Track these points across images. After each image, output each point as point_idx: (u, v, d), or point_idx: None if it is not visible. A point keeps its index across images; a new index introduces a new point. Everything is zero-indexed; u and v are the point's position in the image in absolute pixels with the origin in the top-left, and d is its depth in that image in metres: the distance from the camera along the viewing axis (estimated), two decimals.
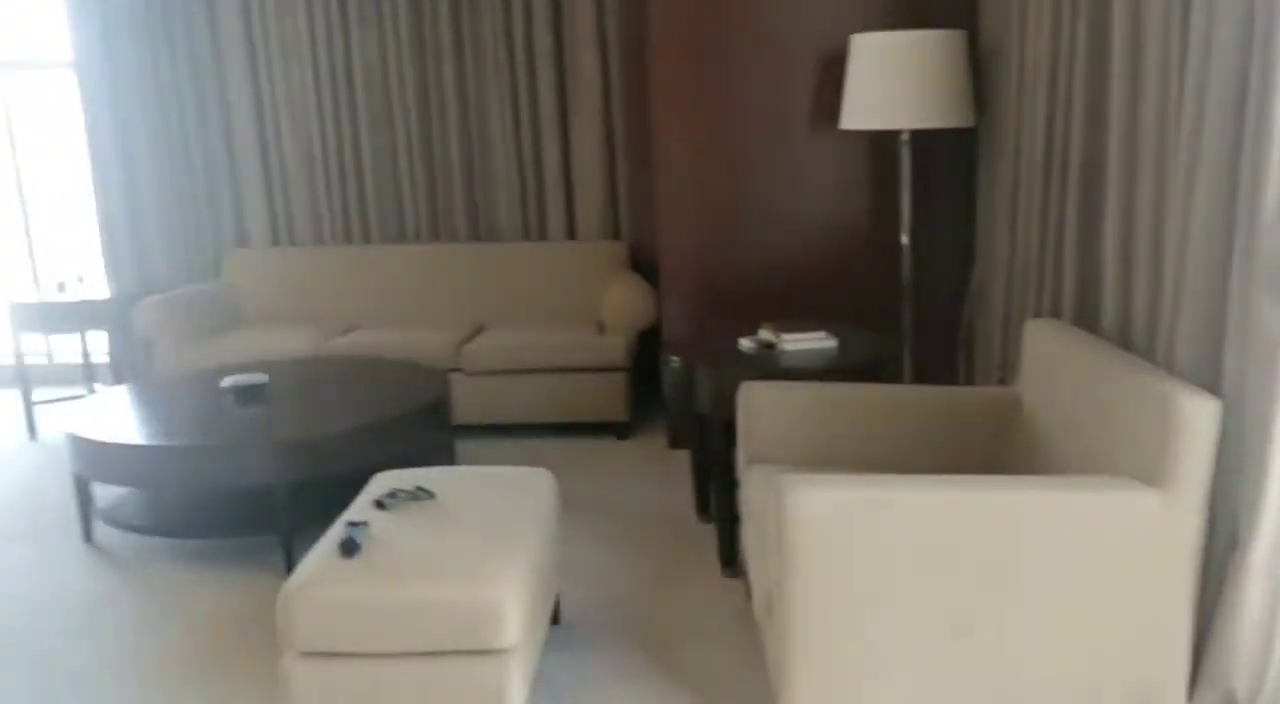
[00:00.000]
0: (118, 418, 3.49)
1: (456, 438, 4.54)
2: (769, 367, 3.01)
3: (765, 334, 3.24)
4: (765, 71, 3.90)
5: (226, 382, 3.63)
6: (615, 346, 4.39)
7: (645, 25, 4.71)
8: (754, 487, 2.59)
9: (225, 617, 3.00)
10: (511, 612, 2.08)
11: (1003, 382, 3.39)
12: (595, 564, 3.25)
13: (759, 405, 2.75)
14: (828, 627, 2.00)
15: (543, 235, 5.21)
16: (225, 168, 5.25)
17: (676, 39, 3.90)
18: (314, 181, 5.23)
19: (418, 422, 3.52)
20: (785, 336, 3.16)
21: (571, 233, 5.19)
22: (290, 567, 3.23)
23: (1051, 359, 2.50)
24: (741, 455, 2.82)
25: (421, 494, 2.49)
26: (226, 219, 5.30)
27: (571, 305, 4.96)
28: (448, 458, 3.85)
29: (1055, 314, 2.91)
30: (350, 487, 3.45)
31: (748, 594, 2.98)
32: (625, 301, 4.49)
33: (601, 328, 4.63)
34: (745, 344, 3.20)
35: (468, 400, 4.43)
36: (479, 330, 4.79)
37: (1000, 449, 2.74)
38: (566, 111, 5.07)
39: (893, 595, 1.99)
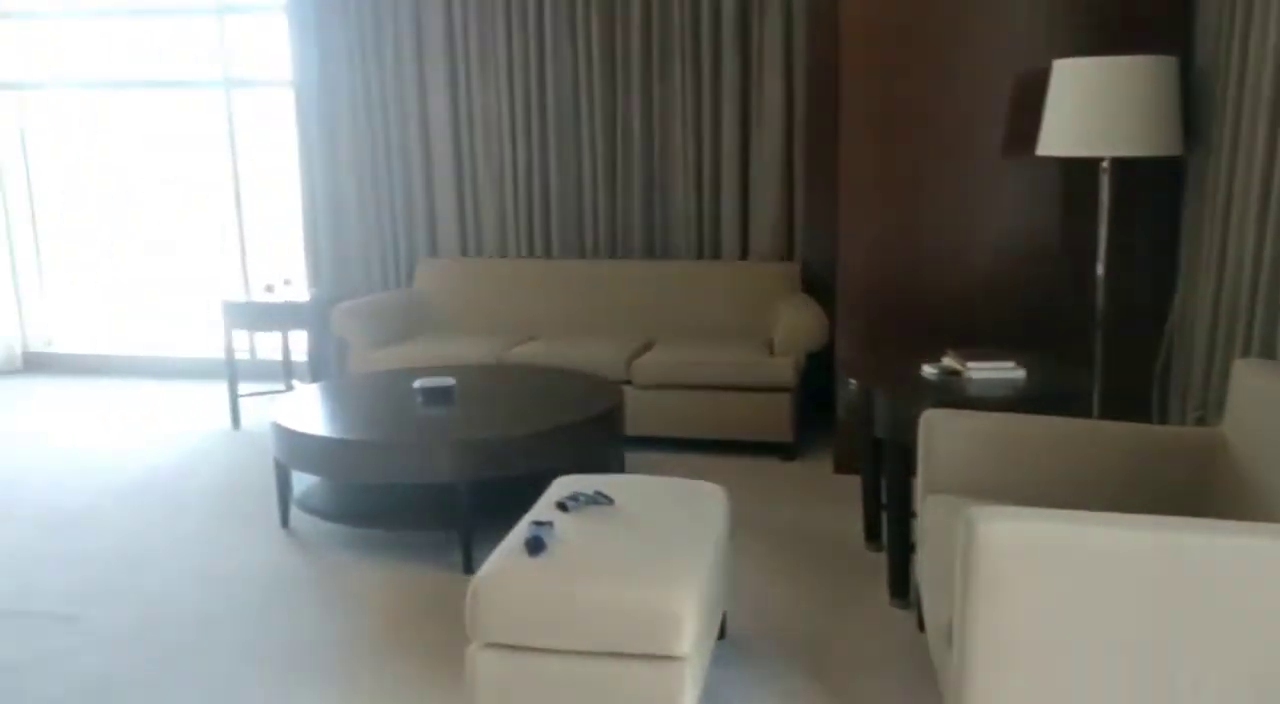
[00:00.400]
0: (316, 412, 3.74)
1: (625, 449, 4.63)
2: (952, 394, 2.95)
3: (949, 361, 3.17)
4: (957, 95, 3.84)
5: (418, 383, 3.82)
6: (784, 367, 4.39)
7: (834, 51, 4.72)
8: (934, 516, 2.54)
9: (403, 604, 3.16)
10: (689, 619, 2.12)
11: (1203, 421, 3.20)
12: (761, 584, 3.25)
13: (941, 433, 2.70)
14: (1012, 664, 1.94)
15: (716, 255, 5.27)
16: (422, 182, 5.55)
17: (867, 62, 3.89)
18: (503, 197, 5.47)
19: (592, 430, 3.61)
20: (970, 365, 3.09)
21: (744, 253, 5.23)
22: (468, 562, 3.37)
23: (1264, 401, 2.35)
24: (920, 483, 2.77)
25: (602, 499, 2.57)
26: (420, 230, 5.59)
27: (741, 324, 4.99)
28: (618, 467, 3.94)
29: (1267, 354, 2.73)
30: (524, 489, 3.58)
31: (919, 625, 2.92)
32: (797, 323, 4.48)
33: (771, 348, 4.64)
34: (928, 370, 3.14)
35: (636, 413, 4.52)
36: (649, 345, 4.88)
37: (1200, 492, 2.59)
38: (748, 136, 5.12)
39: (1083, 637, 1.91)
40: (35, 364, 6.46)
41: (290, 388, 5.53)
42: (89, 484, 4.32)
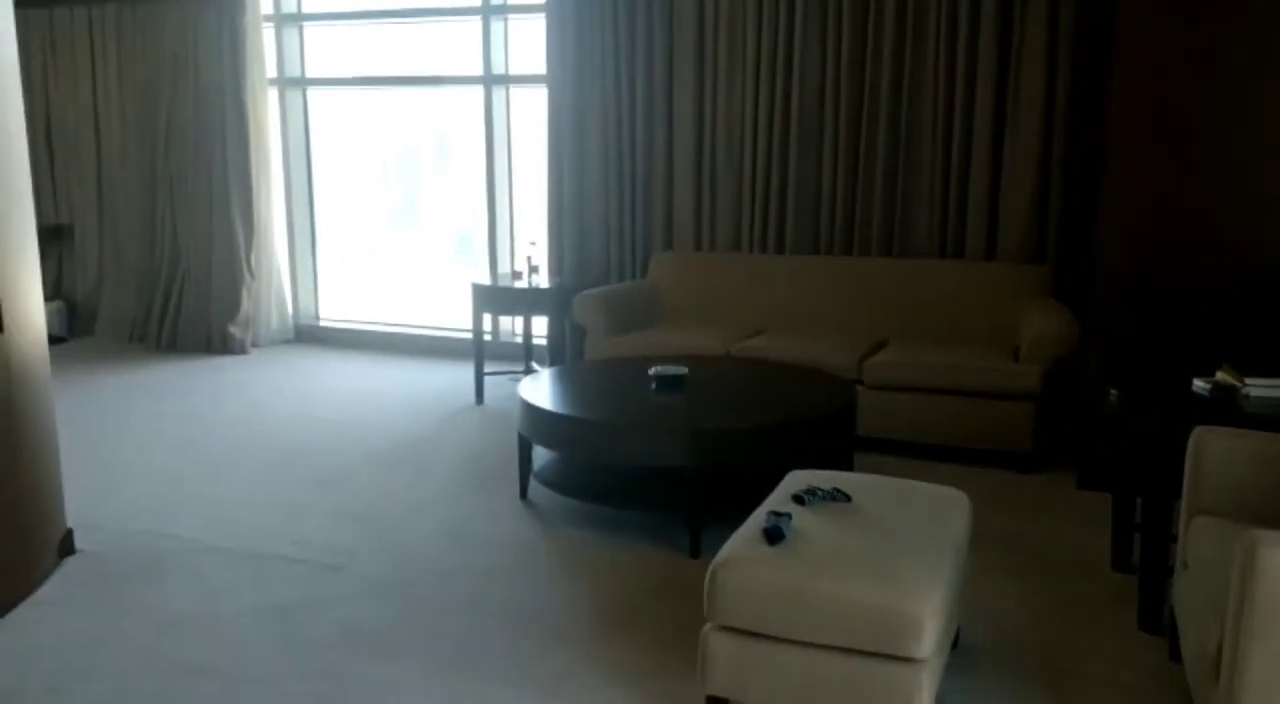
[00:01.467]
0: (557, 392, 3.92)
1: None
2: (1227, 412, 2.72)
3: (1224, 376, 2.93)
4: (1254, 86, 3.52)
5: (653, 370, 3.93)
6: (1029, 374, 4.19)
7: (1108, 40, 4.45)
8: (1202, 540, 2.36)
9: (632, 581, 3.26)
10: (930, 623, 2.07)
11: None
12: (997, 598, 3.12)
13: (1213, 453, 2.50)
14: None
15: (959, 254, 5.08)
16: (662, 177, 5.67)
17: (1147, 53, 3.64)
18: (740, 192, 5.51)
19: (822, 427, 3.59)
20: (1250, 381, 2.84)
21: (990, 253, 5.02)
22: (695, 546, 3.44)
23: None
24: (1185, 505, 2.58)
25: (839, 496, 2.55)
26: (657, 224, 5.73)
27: (982, 327, 4.79)
28: (846, 467, 3.89)
29: None
30: (752, 481, 3.60)
31: (1171, 654, 2.72)
32: (1046, 327, 4.26)
33: (1015, 353, 4.43)
34: (1199, 384, 2.91)
35: (866, 413, 4.44)
36: (883, 344, 4.78)
37: None
38: (1002, 130, 4.91)
39: None
40: (305, 335, 7.11)
41: (530, 369, 5.81)
42: (352, 448, 4.72)
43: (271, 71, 6.81)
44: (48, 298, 7.05)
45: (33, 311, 3.26)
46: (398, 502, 4.02)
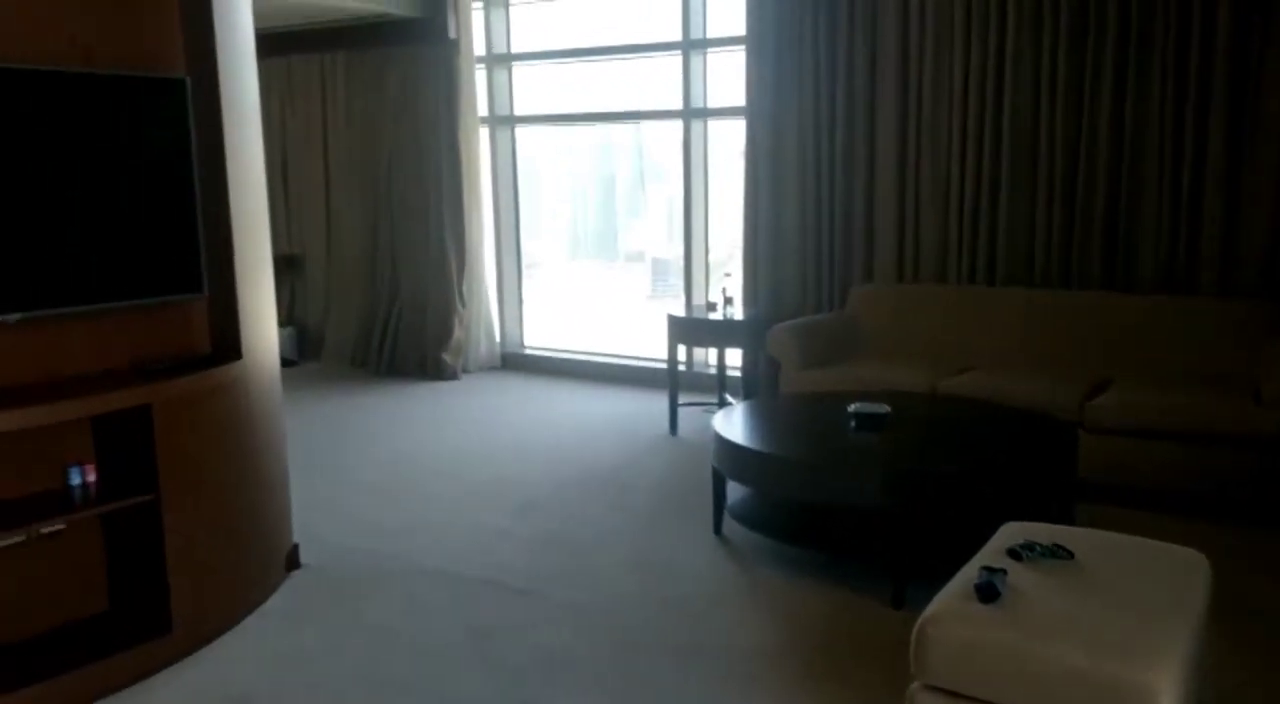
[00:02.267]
0: (752, 426, 3.87)
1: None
2: None
3: None
4: None
5: (853, 407, 3.82)
6: (1273, 419, 3.80)
7: None
8: None
9: (827, 628, 3.16)
10: (1167, 699, 1.89)
11: None
12: (1230, 671, 2.82)
13: None
14: None
15: (1190, 289, 4.69)
16: (862, 205, 5.55)
17: None
18: (946, 220, 5.31)
19: (1038, 473, 3.38)
20: None
21: (1225, 287, 4.61)
22: (898, 597, 3.29)
23: None
24: None
25: (1060, 552, 2.38)
26: (857, 254, 5.59)
27: (1217, 367, 4.37)
28: (1066, 518, 3.64)
29: None
30: (959, 527, 3.43)
31: None
32: None
33: (1255, 395, 4.03)
34: None
35: (1087, 459, 4.13)
36: (1103, 384, 4.46)
37: None
38: (1239, 156, 4.52)
39: None
40: (511, 362, 7.38)
41: (724, 401, 5.79)
42: (551, 474, 4.84)
43: (483, 109, 7.15)
44: (281, 324, 7.65)
45: (267, 337, 3.52)
46: (594, 529, 4.07)
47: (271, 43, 7.41)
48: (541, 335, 7.50)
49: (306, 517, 4.11)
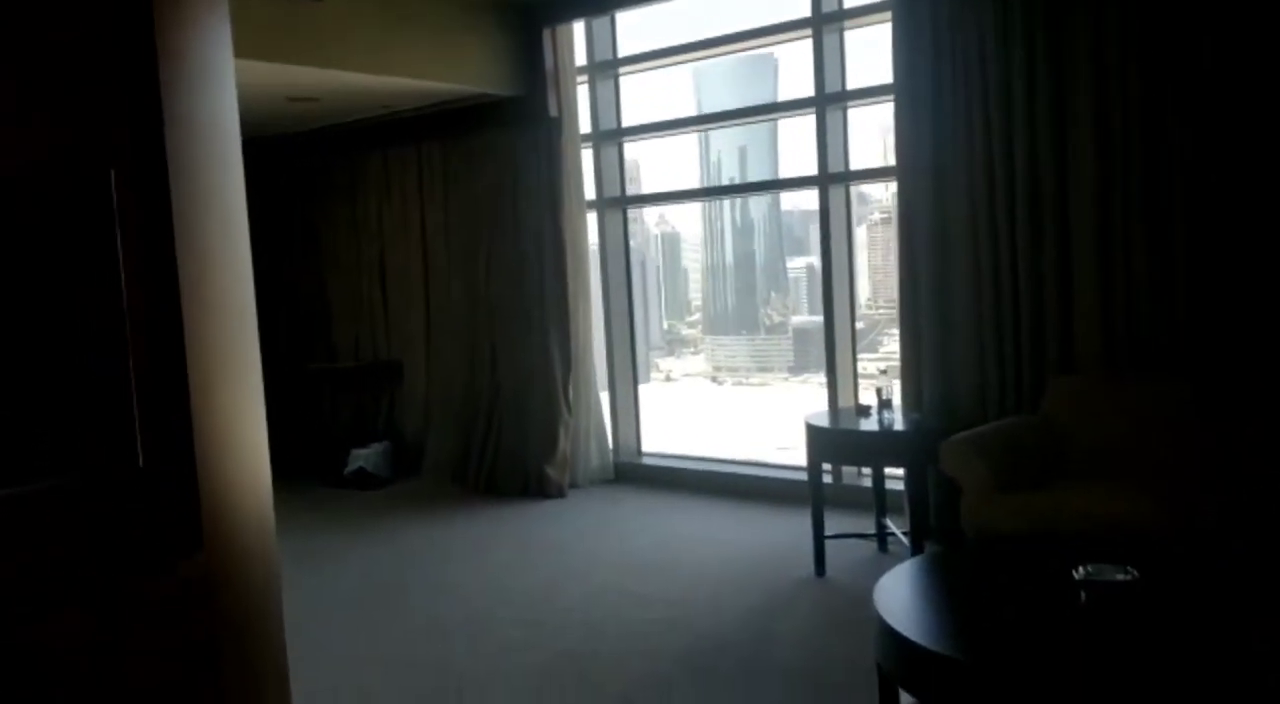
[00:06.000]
0: (927, 605, 2.71)
1: None
2: None
3: None
4: None
5: (1080, 572, 2.59)
6: None
7: None
8: None
9: None
10: None
11: None
12: None
13: None
14: None
15: None
16: (1055, 275, 4.30)
17: None
18: (1172, 288, 4.02)
19: None
20: None
21: None
22: None
23: None
24: None
25: None
26: (1051, 337, 4.33)
27: None
28: None
29: None
30: None
31: None
32: None
33: None
34: None
35: None
36: None
37: None
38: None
39: None
40: (626, 474, 6.35)
41: (884, 530, 4.59)
42: (660, 642, 3.73)
43: (590, 192, 6.31)
44: (377, 437, 6.92)
45: (254, 506, 2.54)
46: None
47: (364, 137, 6.87)
48: (663, 440, 6.48)
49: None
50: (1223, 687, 2.20)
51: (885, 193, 6.86)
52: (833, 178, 5.40)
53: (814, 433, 4.35)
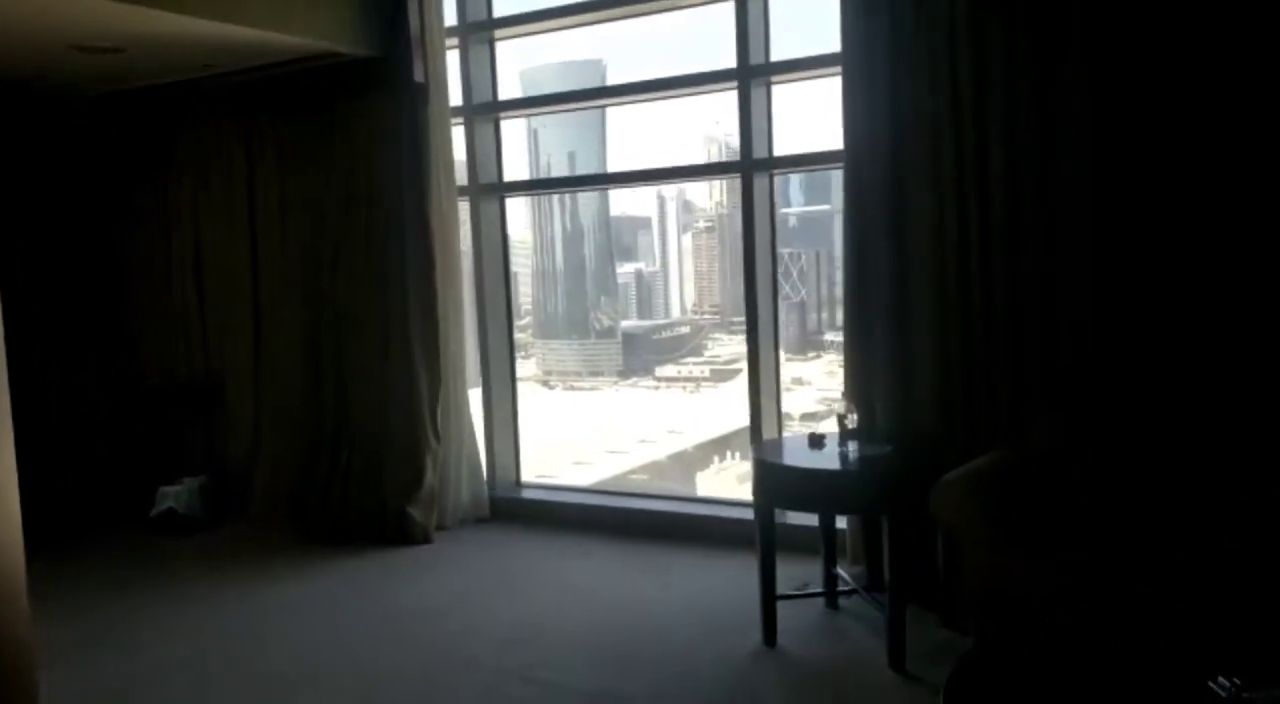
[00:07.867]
0: None
1: None
2: None
3: None
4: None
5: (1222, 689, 1.86)
6: None
7: None
8: None
9: None
10: None
11: None
12: None
13: None
14: None
15: None
16: (1034, 264, 3.67)
17: None
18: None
19: None
20: None
21: None
22: None
23: None
24: None
25: None
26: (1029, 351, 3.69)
27: None
28: None
29: None
30: None
31: None
32: None
33: None
34: None
35: None
36: None
37: None
38: None
39: None
40: (504, 511, 5.36)
41: (834, 580, 3.82)
42: None
43: (462, 178, 5.32)
44: (191, 472, 5.66)
45: None
46: None
47: (179, 105, 5.64)
48: (550, 467, 5.57)
49: None
50: None
51: (709, 201, 6.69)
52: (756, 165, 4.63)
53: (766, 471, 3.52)
